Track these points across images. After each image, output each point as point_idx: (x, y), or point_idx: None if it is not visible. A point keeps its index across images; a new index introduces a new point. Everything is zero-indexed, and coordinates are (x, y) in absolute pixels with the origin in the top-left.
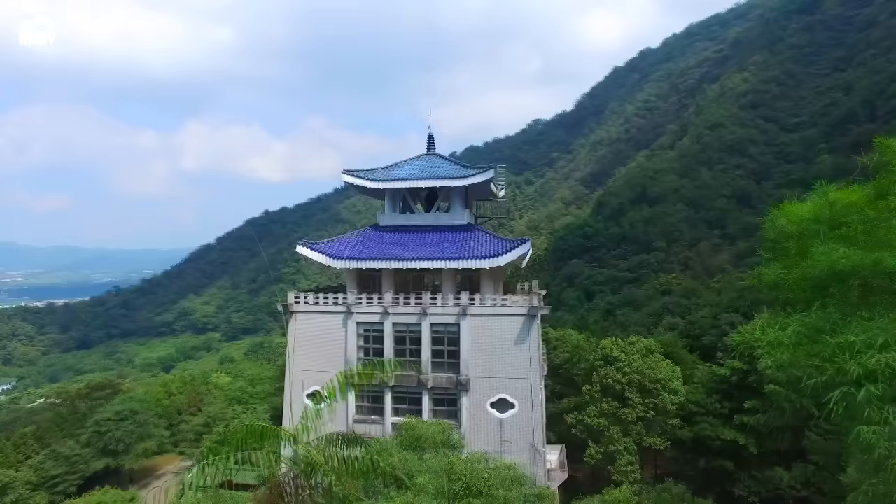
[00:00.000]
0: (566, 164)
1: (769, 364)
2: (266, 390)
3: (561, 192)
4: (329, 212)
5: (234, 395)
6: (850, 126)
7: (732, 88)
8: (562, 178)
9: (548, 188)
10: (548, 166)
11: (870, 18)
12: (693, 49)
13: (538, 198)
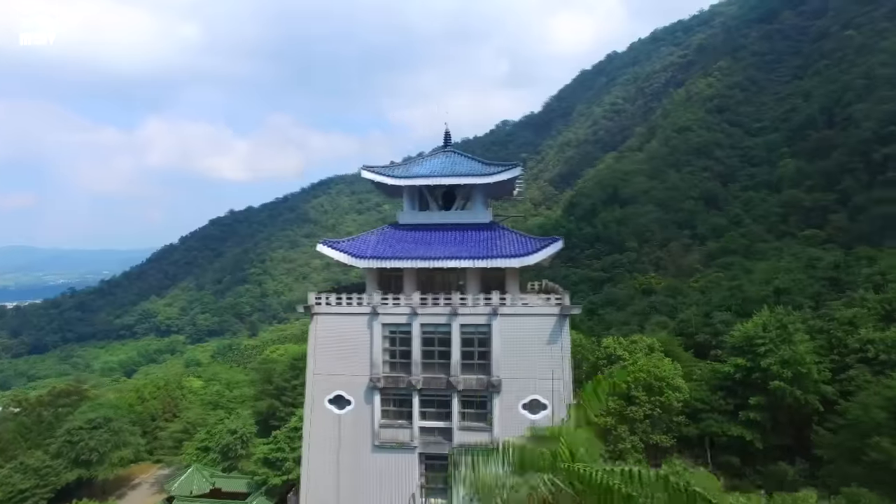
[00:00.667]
0: (535, 164)
1: (773, 361)
2: (245, 394)
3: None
4: (296, 211)
5: (210, 399)
6: (810, 131)
7: (698, 93)
8: (531, 178)
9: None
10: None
11: (822, 30)
12: (658, 54)
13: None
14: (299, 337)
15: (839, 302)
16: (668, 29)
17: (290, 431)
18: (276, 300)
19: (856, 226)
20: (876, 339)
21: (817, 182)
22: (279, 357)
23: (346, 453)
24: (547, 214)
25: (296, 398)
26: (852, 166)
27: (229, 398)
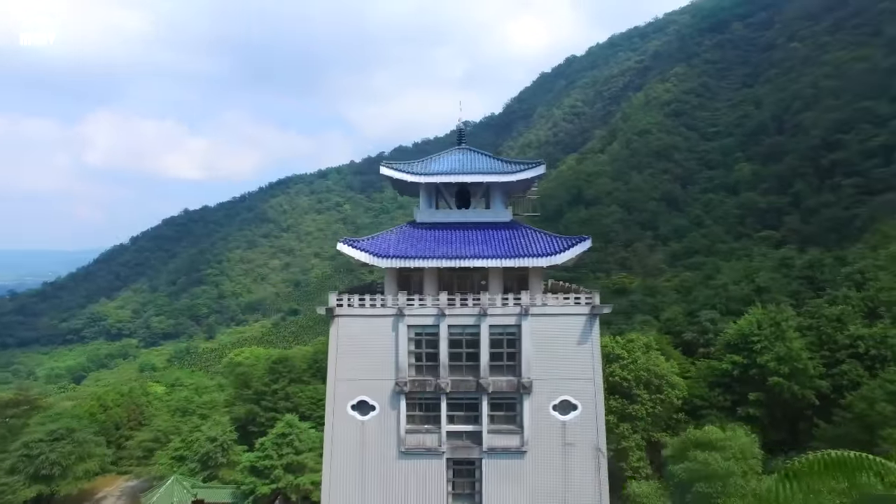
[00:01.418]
0: None
1: (770, 357)
2: (215, 399)
3: None
4: (254, 211)
5: (178, 405)
6: (763, 137)
7: (656, 97)
8: None
9: None
10: None
11: (770, 41)
12: (616, 59)
13: None
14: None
15: (822, 300)
16: (625, 35)
17: (277, 438)
18: (234, 301)
19: (807, 227)
20: (865, 334)
21: (772, 185)
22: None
23: (370, 461)
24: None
25: (276, 403)
26: (803, 171)
27: (199, 404)
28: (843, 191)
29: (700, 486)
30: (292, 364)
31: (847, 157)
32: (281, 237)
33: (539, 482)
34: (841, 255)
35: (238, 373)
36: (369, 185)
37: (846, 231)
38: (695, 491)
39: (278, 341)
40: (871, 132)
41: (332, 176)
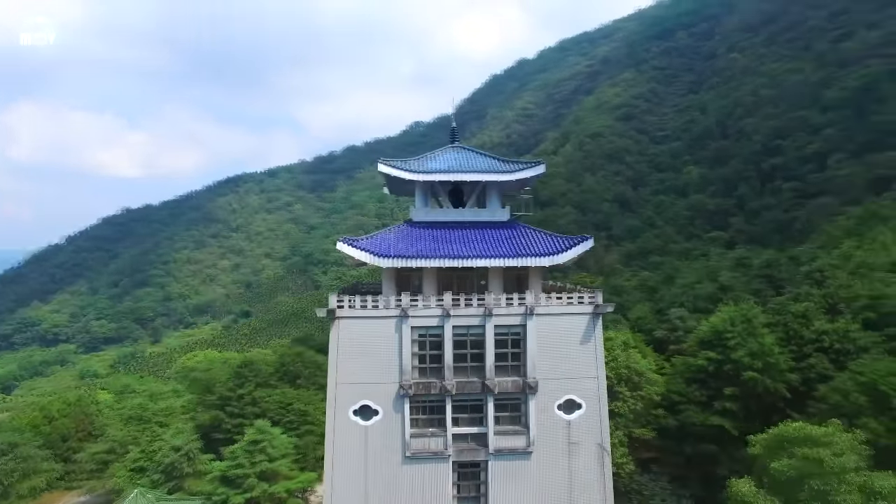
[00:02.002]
0: None
1: (743, 353)
2: (172, 406)
3: None
4: (201, 210)
5: (132, 413)
6: (709, 141)
7: (607, 101)
8: None
9: None
10: None
11: (712, 50)
12: (566, 62)
13: None
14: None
15: (784, 297)
16: (575, 39)
17: (249, 445)
18: (181, 304)
19: (752, 228)
20: (829, 329)
21: (718, 188)
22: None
23: (373, 467)
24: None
25: (243, 408)
26: (747, 174)
27: (155, 411)
28: (783, 194)
29: (815, 482)
30: (258, 368)
31: (785, 162)
32: (230, 237)
33: (545, 482)
34: (794, 255)
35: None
36: (320, 185)
37: (787, 232)
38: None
39: (231, 344)
40: (807, 139)
41: (283, 175)
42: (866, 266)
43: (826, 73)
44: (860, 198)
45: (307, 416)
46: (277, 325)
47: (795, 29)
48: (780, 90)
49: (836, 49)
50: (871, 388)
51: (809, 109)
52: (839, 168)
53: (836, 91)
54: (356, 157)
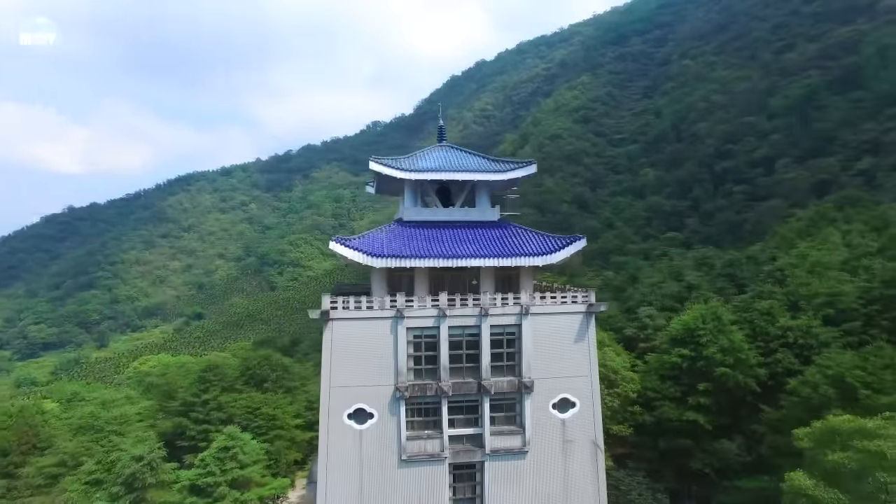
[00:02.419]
0: None
1: (715, 350)
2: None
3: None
4: (151, 209)
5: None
6: (664, 144)
7: (565, 104)
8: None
9: None
10: None
11: (665, 57)
12: (524, 65)
13: (378, 199)
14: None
15: (747, 295)
16: (533, 42)
17: (220, 452)
18: (129, 306)
19: (706, 229)
20: (793, 326)
21: (674, 190)
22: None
23: (369, 472)
24: None
25: (208, 414)
26: (701, 177)
27: (108, 420)
28: (735, 196)
29: (881, 475)
30: (223, 372)
31: (736, 165)
32: (182, 237)
33: (540, 481)
34: (752, 255)
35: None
36: (276, 184)
37: (739, 233)
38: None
39: (184, 347)
40: (755, 144)
41: (237, 174)
42: (822, 265)
43: (771, 81)
44: (805, 200)
45: (276, 421)
46: (232, 327)
47: (742, 39)
48: (730, 96)
49: (780, 59)
50: (838, 380)
51: (757, 115)
52: (786, 172)
53: (780, 99)
54: (313, 156)
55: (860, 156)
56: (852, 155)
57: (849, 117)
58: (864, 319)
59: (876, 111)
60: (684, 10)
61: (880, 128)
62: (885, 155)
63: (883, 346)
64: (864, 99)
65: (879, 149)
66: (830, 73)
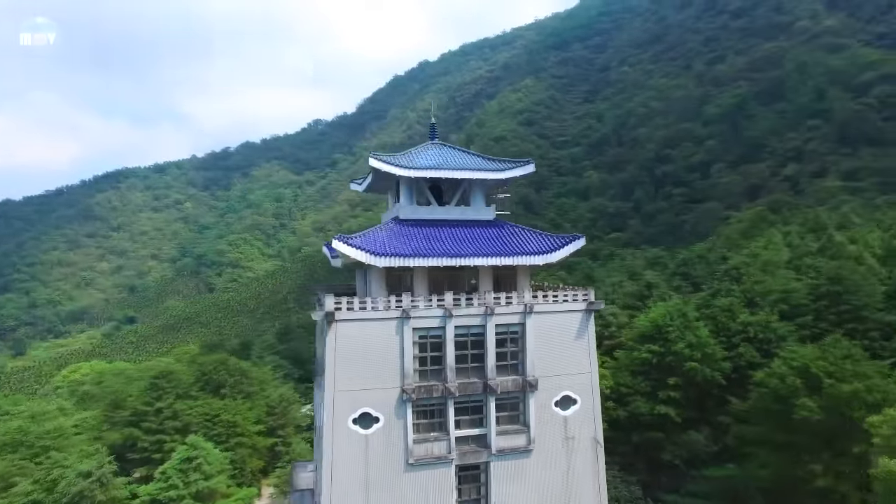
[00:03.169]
0: (349, 165)
1: (683, 345)
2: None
3: (346, 194)
4: (76, 207)
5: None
6: (606, 148)
7: (509, 106)
8: (345, 179)
9: (331, 189)
10: (330, 167)
11: (605, 63)
12: (468, 66)
13: (321, 199)
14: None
15: (705, 293)
16: (476, 45)
17: (182, 463)
18: (50, 311)
19: (648, 230)
20: (753, 321)
21: (617, 192)
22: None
23: (375, 478)
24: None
25: (162, 423)
26: (642, 180)
27: (39, 434)
28: (674, 199)
29: None
30: (177, 378)
31: (675, 169)
32: (110, 237)
33: (544, 478)
34: (703, 255)
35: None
36: (214, 183)
37: (679, 233)
38: None
39: (116, 353)
40: (692, 150)
41: (172, 171)
42: (772, 264)
43: (705, 90)
44: (738, 203)
45: (236, 428)
46: (169, 331)
47: (677, 49)
48: (668, 103)
49: (712, 70)
50: (803, 371)
51: (693, 122)
52: (720, 176)
53: (713, 107)
54: (252, 154)
55: (786, 163)
56: (779, 161)
57: (775, 126)
58: (814, 314)
59: (798, 122)
60: (622, 19)
61: (802, 137)
62: (807, 162)
63: (839, 338)
64: (787, 110)
65: (802, 156)
66: (758, 84)
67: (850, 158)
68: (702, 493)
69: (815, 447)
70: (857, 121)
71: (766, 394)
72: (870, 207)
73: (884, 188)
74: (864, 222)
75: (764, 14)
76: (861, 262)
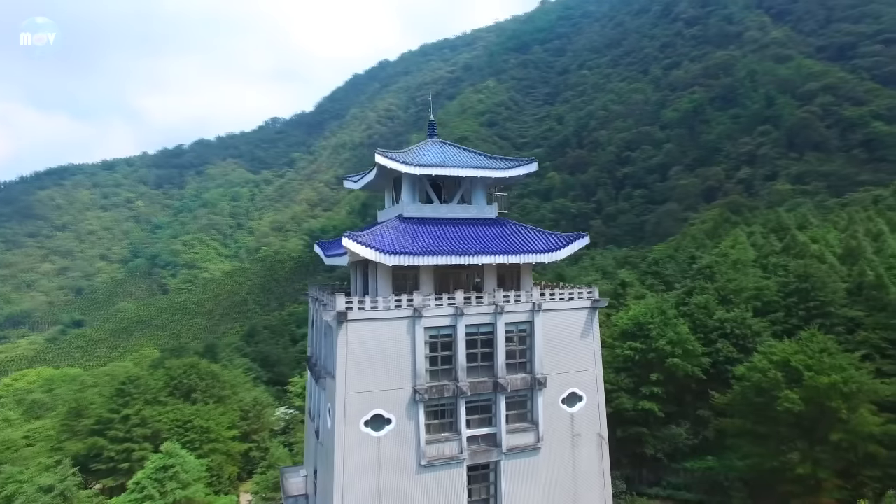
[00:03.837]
0: (308, 164)
1: (664, 342)
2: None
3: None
4: (15, 205)
5: None
6: (567, 149)
7: (471, 107)
8: (304, 178)
9: (289, 189)
10: (288, 166)
11: (565, 66)
12: (428, 67)
13: (279, 198)
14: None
15: (680, 290)
16: (437, 45)
17: (157, 472)
18: None
19: (610, 230)
20: (729, 318)
21: (579, 193)
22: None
23: (387, 481)
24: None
25: (130, 431)
26: (603, 181)
27: None
28: (635, 200)
29: None
30: (145, 383)
31: (635, 171)
32: (54, 237)
33: (552, 475)
34: (672, 255)
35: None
36: (166, 180)
37: (640, 234)
38: None
39: (62, 359)
40: (652, 152)
41: (121, 168)
42: (741, 262)
43: (662, 95)
44: (696, 205)
45: (210, 434)
46: (121, 334)
47: (634, 54)
48: (627, 107)
49: (668, 75)
50: (784, 364)
51: (652, 125)
52: (678, 179)
53: (671, 112)
54: (207, 151)
55: (740, 166)
56: (734, 165)
57: (729, 131)
58: (785, 310)
59: (750, 127)
60: (581, 23)
61: (755, 142)
62: (759, 166)
63: (816, 333)
64: (740, 115)
65: (755, 160)
66: (712, 90)
67: (799, 163)
68: (682, 485)
69: (795, 436)
70: (804, 127)
71: (749, 387)
72: (822, 209)
73: (829, 191)
74: (820, 223)
75: (716, 23)
76: (823, 261)
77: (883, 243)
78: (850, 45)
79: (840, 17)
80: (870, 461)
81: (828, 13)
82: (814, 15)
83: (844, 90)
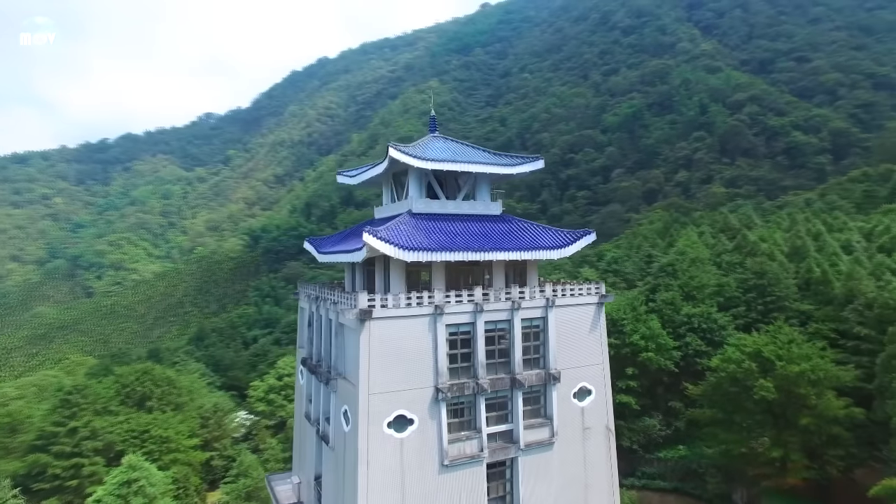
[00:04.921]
0: (244, 162)
1: (638, 337)
2: None
3: (242, 192)
4: None
5: None
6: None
7: (414, 107)
8: (240, 176)
9: (225, 187)
10: (223, 164)
11: (506, 69)
12: (369, 65)
13: (214, 196)
14: None
15: (644, 287)
16: (377, 44)
17: (120, 488)
18: None
19: None
20: (695, 313)
21: (524, 193)
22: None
23: (410, 482)
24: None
25: (79, 444)
26: (547, 183)
27: None
28: (579, 201)
29: None
30: (94, 393)
31: (578, 173)
32: None
33: (565, 469)
34: (629, 254)
35: None
36: (88, 176)
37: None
38: None
39: None
40: (594, 155)
41: (36, 162)
42: (700, 260)
43: (603, 100)
44: (638, 206)
45: (170, 444)
46: (39, 341)
47: (574, 60)
48: (569, 110)
49: (608, 81)
50: (756, 355)
51: (594, 129)
52: (620, 181)
53: (611, 116)
54: (134, 146)
55: (678, 169)
56: (672, 168)
57: (667, 136)
58: (745, 305)
59: (686, 133)
60: (521, 27)
61: (690, 147)
62: (695, 170)
63: (783, 325)
64: (677, 121)
65: (691, 164)
66: (649, 97)
67: (731, 167)
68: (657, 475)
69: (767, 423)
70: (734, 135)
71: (723, 377)
72: (760, 210)
73: (761, 195)
74: (763, 224)
75: (651, 33)
76: (773, 259)
77: (823, 242)
78: (770, 60)
79: (760, 34)
80: (833, 442)
81: (749, 29)
82: (737, 30)
83: (768, 101)
